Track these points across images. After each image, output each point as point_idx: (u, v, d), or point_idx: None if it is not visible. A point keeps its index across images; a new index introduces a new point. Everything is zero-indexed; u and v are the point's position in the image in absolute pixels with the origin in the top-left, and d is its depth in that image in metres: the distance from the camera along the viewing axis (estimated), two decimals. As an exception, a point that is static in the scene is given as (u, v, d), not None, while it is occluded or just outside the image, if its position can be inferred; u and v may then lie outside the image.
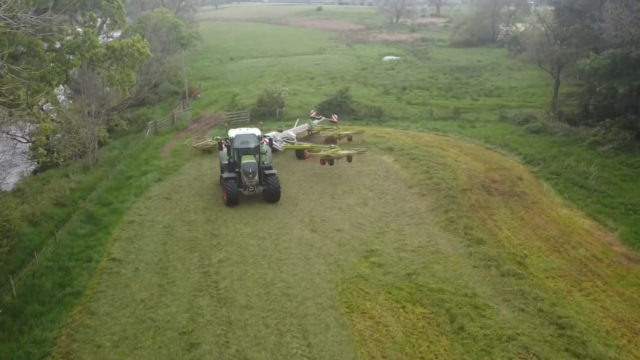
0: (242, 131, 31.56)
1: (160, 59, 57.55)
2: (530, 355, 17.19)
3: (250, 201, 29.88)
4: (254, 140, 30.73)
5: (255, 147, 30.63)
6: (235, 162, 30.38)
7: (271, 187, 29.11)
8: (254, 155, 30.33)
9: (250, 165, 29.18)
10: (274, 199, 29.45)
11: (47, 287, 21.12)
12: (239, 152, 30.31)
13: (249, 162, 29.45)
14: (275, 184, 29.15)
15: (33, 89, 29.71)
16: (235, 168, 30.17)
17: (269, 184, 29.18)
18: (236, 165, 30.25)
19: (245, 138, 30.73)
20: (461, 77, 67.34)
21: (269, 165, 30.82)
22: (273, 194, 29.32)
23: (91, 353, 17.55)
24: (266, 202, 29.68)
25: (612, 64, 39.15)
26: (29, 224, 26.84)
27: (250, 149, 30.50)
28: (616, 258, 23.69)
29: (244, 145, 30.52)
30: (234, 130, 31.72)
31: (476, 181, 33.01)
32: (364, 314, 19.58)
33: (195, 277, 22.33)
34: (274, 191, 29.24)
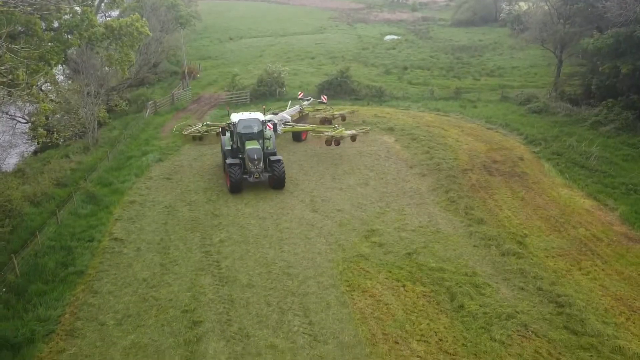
0: (245, 115, 30.65)
1: (159, 39, 56.97)
2: (529, 333, 17.38)
3: (252, 183, 29.60)
4: (257, 124, 29.81)
5: (258, 131, 29.72)
6: (239, 147, 29.51)
7: (276, 173, 28.37)
8: (257, 140, 29.48)
9: (255, 152, 28.34)
10: (280, 186, 28.75)
11: (50, 267, 21.27)
12: (242, 138, 29.43)
13: (253, 147, 28.61)
14: (280, 170, 28.38)
15: (32, 69, 29.42)
16: (239, 154, 29.36)
17: (274, 170, 28.37)
18: (240, 151, 29.41)
19: (248, 122, 29.81)
20: (463, 57, 66.71)
21: (273, 151, 29.98)
22: (278, 180, 28.60)
23: (95, 330, 17.76)
24: (270, 188, 29.14)
25: (616, 43, 38.71)
26: (30, 204, 26.93)
27: (254, 134, 29.60)
28: (616, 237, 23.79)
29: (247, 130, 29.59)
30: (237, 115, 30.93)
31: (477, 161, 32.97)
32: (365, 292, 19.75)
33: (196, 256, 22.46)
34: (279, 178, 28.51)
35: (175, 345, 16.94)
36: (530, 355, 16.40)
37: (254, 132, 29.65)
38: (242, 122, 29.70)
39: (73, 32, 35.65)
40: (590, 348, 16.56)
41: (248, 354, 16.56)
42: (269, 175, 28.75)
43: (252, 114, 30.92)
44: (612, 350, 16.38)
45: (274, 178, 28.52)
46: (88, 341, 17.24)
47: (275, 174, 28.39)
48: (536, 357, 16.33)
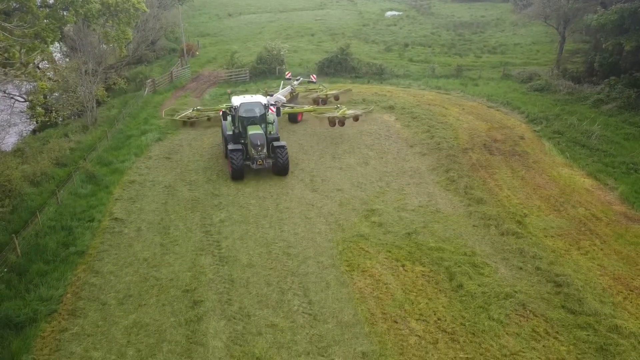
0: (247, 98, 29.55)
1: (157, 15, 56.26)
2: (527, 312, 17.53)
3: (254, 170, 28.49)
4: (259, 108, 28.76)
5: (261, 115, 28.69)
6: (241, 132, 28.50)
7: (280, 160, 27.28)
8: (260, 124, 28.52)
9: (258, 137, 27.26)
10: (283, 173, 27.75)
11: (51, 247, 21.33)
12: (243, 122, 28.40)
13: (256, 133, 27.54)
14: (284, 157, 27.30)
15: (27, 47, 29.02)
16: (241, 139, 28.33)
17: (278, 156, 27.29)
18: (241, 136, 28.41)
19: (250, 106, 28.73)
20: (464, 34, 65.94)
21: (276, 136, 28.91)
22: (282, 167, 27.52)
23: (97, 310, 17.91)
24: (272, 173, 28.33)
25: (620, 20, 38.19)
26: (30, 184, 26.88)
27: (256, 118, 28.58)
28: (615, 217, 23.82)
29: (249, 114, 28.51)
30: (238, 98, 29.89)
31: (477, 140, 32.83)
32: (364, 272, 19.86)
33: (197, 236, 22.53)
34: (283, 164, 27.43)
35: (177, 325, 17.10)
36: (527, 334, 16.56)
37: (257, 116, 28.63)
38: (243, 106, 28.60)
39: (69, 8, 35.09)
40: (587, 327, 16.70)
41: (248, 333, 16.72)
42: (272, 162, 27.84)
43: (255, 97, 29.88)
44: (609, 329, 16.53)
45: (278, 165, 27.52)
46: (90, 320, 17.39)
47: (278, 161, 27.37)
48: (534, 336, 16.49)
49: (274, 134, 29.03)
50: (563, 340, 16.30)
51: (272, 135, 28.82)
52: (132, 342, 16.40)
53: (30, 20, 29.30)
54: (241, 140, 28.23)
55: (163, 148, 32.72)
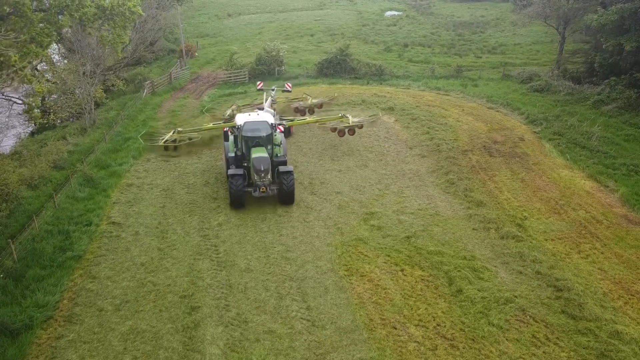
0: (252, 117, 26.43)
1: (155, 16, 56.04)
2: (527, 317, 17.38)
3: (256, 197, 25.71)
4: (266, 128, 25.69)
5: (267, 136, 25.76)
6: (244, 154, 25.74)
7: (285, 187, 24.35)
8: (266, 146, 25.68)
9: (261, 161, 24.46)
10: (288, 201, 24.84)
11: (47, 251, 21.20)
12: (247, 143, 25.57)
13: (260, 156, 24.70)
14: (290, 184, 24.38)
15: (22, 51, 28.85)
16: (244, 162, 25.71)
17: (283, 183, 24.36)
18: (244, 158, 25.73)
19: (255, 125, 25.66)
20: (464, 34, 65.73)
21: (283, 160, 26.01)
22: (287, 195, 24.61)
23: (93, 316, 17.76)
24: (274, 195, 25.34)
25: (620, 20, 38.04)
26: (28, 188, 26.74)
27: (262, 139, 25.66)
28: (616, 220, 23.67)
29: (254, 134, 25.59)
30: (242, 116, 26.92)
31: (477, 142, 32.67)
32: (363, 276, 19.71)
33: (194, 240, 22.39)
34: (288, 192, 24.50)
35: (174, 331, 16.96)
36: (528, 340, 16.41)
37: (262, 136, 25.71)
38: (248, 125, 25.63)
39: (63, 12, 34.89)
40: (588, 333, 16.55)
41: (246, 340, 16.58)
42: (276, 188, 24.86)
43: (261, 115, 26.96)
44: (610, 334, 16.38)
45: (283, 192, 24.57)
46: (86, 327, 17.25)
47: (283, 188, 24.42)
48: (534, 342, 16.34)
49: (280, 156, 26.24)
50: (563, 346, 16.16)
51: (278, 158, 26.04)
52: (128, 349, 16.26)
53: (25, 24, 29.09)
54: (244, 163, 25.65)
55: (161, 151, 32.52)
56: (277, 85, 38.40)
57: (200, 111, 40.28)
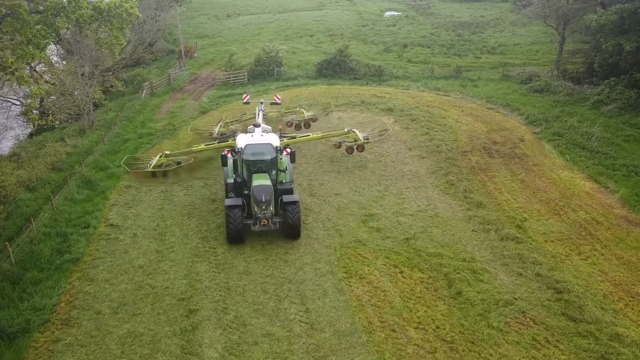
0: (255, 138, 23.47)
1: (154, 17, 56.03)
2: (527, 320, 17.28)
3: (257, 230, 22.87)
4: (270, 151, 22.73)
5: (271, 160, 22.75)
6: (244, 180, 22.88)
7: (290, 219, 21.55)
8: (269, 172, 22.74)
9: (263, 191, 21.39)
10: (293, 236, 22.04)
11: (45, 254, 21.11)
12: (249, 168, 22.74)
13: (262, 184, 21.63)
14: (295, 217, 21.60)
15: (19, 53, 28.75)
16: (244, 189, 22.84)
17: (288, 215, 21.58)
18: (245, 184, 22.85)
19: (258, 148, 22.76)
20: (464, 34, 65.67)
21: (289, 188, 23.02)
22: (292, 229, 21.78)
23: (91, 319, 17.66)
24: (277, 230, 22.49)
25: (620, 20, 37.94)
26: (26, 190, 26.66)
27: (265, 163, 22.72)
28: (616, 221, 23.56)
29: (257, 158, 22.66)
30: (244, 137, 23.95)
31: (477, 143, 32.57)
32: (362, 279, 19.61)
33: (193, 242, 22.28)
34: (292, 226, 21.67)
35: (171, 334, 16.86)
36: (528, 343, 16.31)
37: (266, 160, 22.73)
38: (250, 148, 22.66)
39: (60, 14, 34.78)
40: (588, 335, 16.45)
41: (244, 343, 16.48)
42: (280, 221, 22.05)
43: (265, 136, 23.92)
44: (610, 337, 16.28)
45: (287, 225, 21.72)
46: (84, 330, 17.15)
47: (288, 221, 21.59)
48: (534, 345, 16.24)
49: (286, 183, 23.34)
50: (564, 349, 16.05)
51: (283, 185, 23.11)
52: (126, 352, 16.16)
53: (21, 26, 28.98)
54: (244, 191, 22.81)
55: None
56: (266, 98, 36.01)
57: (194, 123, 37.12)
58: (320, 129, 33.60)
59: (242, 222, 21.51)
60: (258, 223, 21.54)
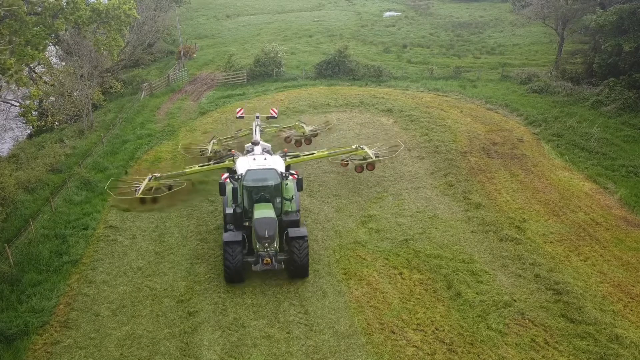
0: (257, 162, 21.09)
1: (153, 18, 55.98)
2: (526, 321, 17.26)
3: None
4: (274, 177, 20.41)
5: (275, 187, 20.43)
6: (246, 210, 20.48)
7: (296, 257, 18.98)
8: (273, 200, 20.44)
9: (266, 225, 18.93)
10: (300, 275, 19.50)
11: (44, 256, 21.10)
12: (250, 195, 20.39)
13: (265, 218, 19.13)
14: (302, 254, 19.00)
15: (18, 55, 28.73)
16: (245, 220, 20.34)
17: (294, 252, 19.02)
18: (247, 215, 20.37)
19: (260, 174, 20.49)
20: (463, 34, 65.65)
21: (295, 219, 20.74)
22: (299, 268, 19.22)
23: (89, 322, 17.65)
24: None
25: (619, 21, 37.96)
26: (24, 191, 26.66)
27: (269, 190, 20.38)
28: (615, 222, 23.55)
29: (259, 184, 20.36)
30: (245, 161, 21.58)
31: (476, 143, 32.57)
32: (361, 280, 19.60)
33: (192, 244, 22.27)
34: (300, 264, 19.09)
35: (170, 336, 16.85)
36: (527, 344, 16.30)
37: (269, 186, 20.40)
38: (251, 174, 20.42)
39: (58, 15, 34.75)
40: (587, 336, 16.44)
41: (243, 345, 16.47)
42: (285, 258, 19.51)
43: (268, 160, 21.42)
44: (610, 338, 16.26)
45: (294, 264, 19.15)
46: (82, 332, 17.14)
47: (295, 259, 19.04)
48: (533, 346, 16.23)
49: (292, 213, 20.97)
50: (563, 350, 16.05)
51: (289, 216, 20.78)
52: (125, 354, 16.15)
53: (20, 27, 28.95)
54: (245, 222, 20.35)
55: (158, 153, 32.45)
56: (261, 112, 33.24)
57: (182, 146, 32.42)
58: (322, 143, 31.90)
59: (241, 259, 19.06)
60: (260, 262, 19.07)
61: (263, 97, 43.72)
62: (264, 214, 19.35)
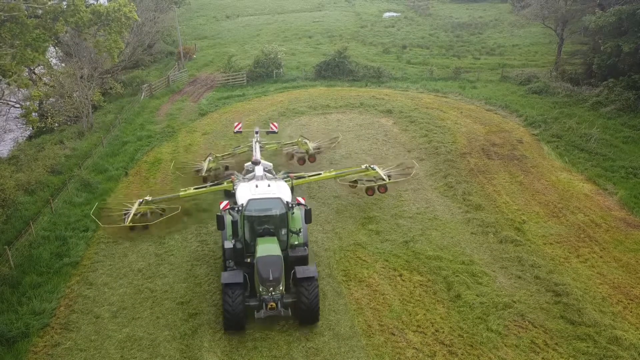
0: (260, 190, 19.06)
1: (153, 19, 55.97)
2: (526, 323, 17.31)
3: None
4: (278, 206, 18.37)
5: (280, 217, 18.37)
6: (247, 244, 18.41)
7: (305, 300, 16.84)
8: (278, 231, 18.44)
9: (270, 265, 16.73)
10: (310, 320, 17.25)
11: (44, 258, 21.15)
12: (252, 227, 18.37)
13: (269, 257, 16.95)
14: (312, 297, 16.85)
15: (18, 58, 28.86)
16: (246, 256, 18.23)
17: (302, 295, 16.87)
18: (248, 250, 18.33)
19: (264, 204, 18.42)
20: (462, 35, 65.70)
21: (303, 254, 18.46)
22: (308, 313, 17.00)
23: (90, 324, 17.69)
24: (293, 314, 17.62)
25: (618, 21, 38.05)
26: (25, 193, 26.69)
27: (272, 220, 18.39)
28: (615, 223, 23.60)
29: (262, 214, 18.31)
30: (246, 188, 19.49)
31: (476, 144, 32.61)
32: (361, 282, 19.64)
33: (192, 246, 22.31)
34: (309, 308, 16.89)
35: (171, 338, 16.89)
36: (526, 346, 16.35)
37: (274, 215, 18.39)
38: (253, 204, 18.35)
39: (58, 18, 34.87)
40: (587, 338, 16.49)
41: (244, 347, 16.50)
42: (292, 302, 17.25)
43: (273, 187, 19.34)
44: (609, 340, 16.32)
45: (302, 308, 16.95)
46: (83, 334, 17.19)
47: (303, 302, 16.86)
48: (532, 348, 16.28)
49: (299, 247, 18.73)
50: (562, 352, 16.10)
51: (295, 252, 18.51)
52: (125, 357, 16.19)
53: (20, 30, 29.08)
54: (246, 259, 18.20)
55: (157, 155, 32.48)
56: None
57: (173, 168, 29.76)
58: (330, 160, 30.32)
59: (242, 304, 16.73)
60: (264, 307, 16.77)
61: (263, 98, 43.74)
62: (268, 250, 17.21)
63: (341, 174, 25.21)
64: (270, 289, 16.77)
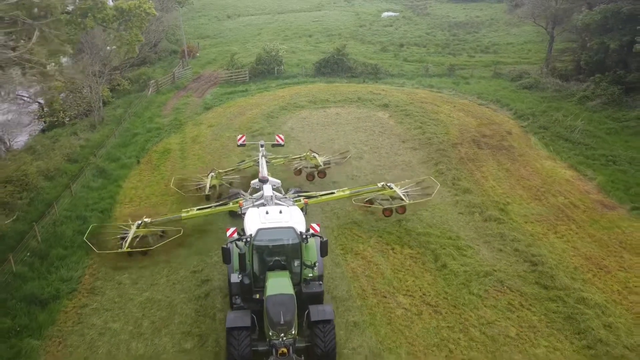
0: (270, 217, 17.22)
1: (159, 18, 57.88)
2: (504, 288, 19.30)
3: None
4: (292, 236, 16.66)
5: (293, 247, 16.70)
6: (256, 278, 16.78)
7: (320, 345, 15.20)
8: (290, 264, 16.76)
9: (282, 307, 15.02)
10: None
11: (68, 234, 23.13)
12: (262, 260, 16.78)
13: (280, 296, 15.25)
14: (328, 342, 15.22)
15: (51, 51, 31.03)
16: (255, 291, 16.59)
17: (318, 337, 15.24)
18: (257, 284, 16.71)
19: (275, 234, 16.68)
20: (459, 34, 67.66)
21: (317, 291, 16.66)
22: (324, 357, 15.24)
23: (113, 289, 19.70)
24: None
25: (604, 20, 39.98)
26: (45, 179, 28.64)
27: (284, 251, 16.77)
28: (592, 205, 25.58)
29: (273, 244, 16.67)
30: (255, 215, 17.57)
31: (467, 136, 34.57)
32: (357, 255, 21.62)
33: (201, 219, 24.11)
34: (324, 354, 15.21)
35: (187, 300, 18.89)
36: (503, 307, 18.34)
37: (287, 245, 16.72)
38: (263, 234, 16.57)
39: (87, 14, 37.47)
40: (557, 299, 18.50)
41: (251, 308, 18.43)
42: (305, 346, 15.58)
43: (285, 214, 17.51)
44: (577, 300, 18.31)
45: (317, 351, 15.25)
46: (107, 297, 19.19)
47: (319, 344, 15.22)
48: (509, 308, 18.27)
49: (313, 283, 16.81)
50: (535, 311, 18.09)
51: (309, 287, 16.68)
52: (146, 315, 18.20)
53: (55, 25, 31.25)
54: (254, 295, 16.56)
55: (167, 145, 34.45)
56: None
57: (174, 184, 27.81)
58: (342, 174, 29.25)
59: (249, 347, 15.03)
60: (274, 353, 14.89)
61: (265, 93, 45.67)
62: (279, 288, 15.47)
63: (356, 193, 23.94)
64: (281, 330, 14.92)
